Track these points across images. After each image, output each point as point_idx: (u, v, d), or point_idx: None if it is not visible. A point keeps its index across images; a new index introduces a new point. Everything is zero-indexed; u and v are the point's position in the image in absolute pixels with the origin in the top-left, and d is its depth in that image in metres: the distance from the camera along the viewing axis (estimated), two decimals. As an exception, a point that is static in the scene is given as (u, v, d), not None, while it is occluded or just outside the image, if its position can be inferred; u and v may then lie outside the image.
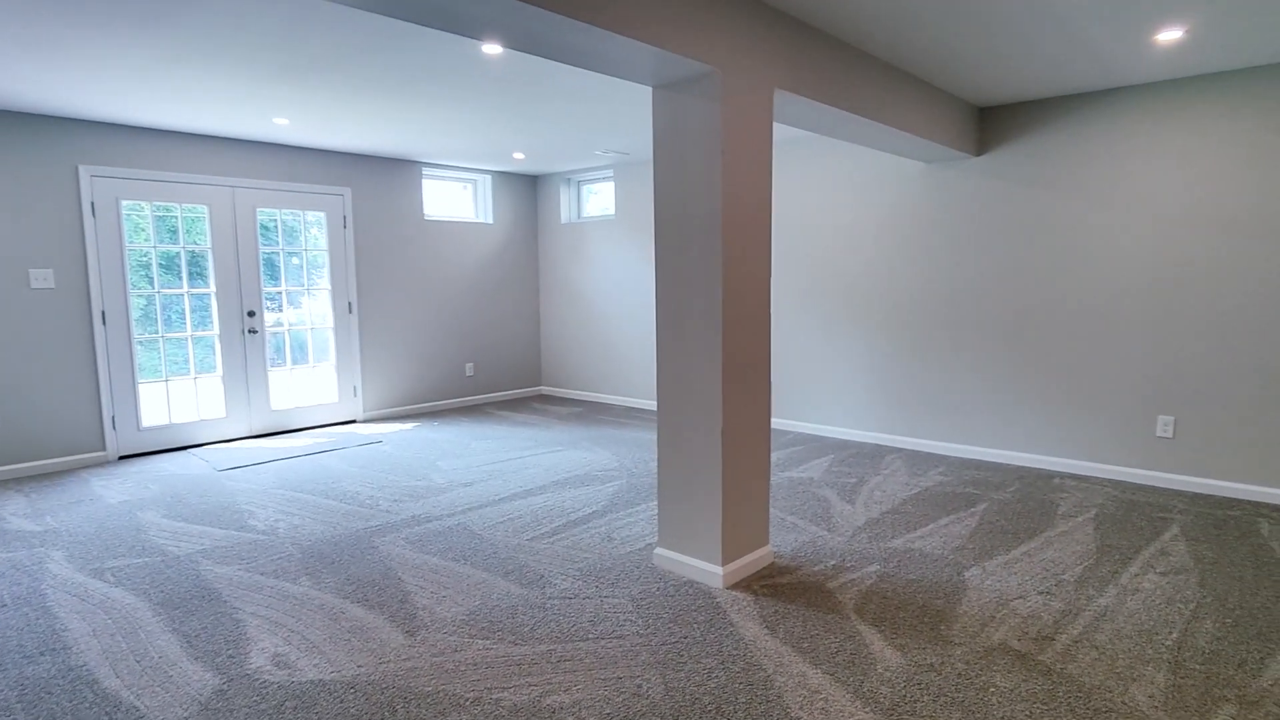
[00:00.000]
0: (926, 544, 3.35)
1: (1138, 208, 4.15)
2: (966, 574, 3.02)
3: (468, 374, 7.05)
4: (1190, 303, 4.04)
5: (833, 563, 3.15)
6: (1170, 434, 4.15)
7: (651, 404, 6.77)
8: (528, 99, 4.27)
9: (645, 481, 4.40)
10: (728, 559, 2.93)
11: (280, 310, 5.84)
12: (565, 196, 7.31)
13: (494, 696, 2.18)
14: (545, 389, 7.69)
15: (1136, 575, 2.98)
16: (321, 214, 5.98)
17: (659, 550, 3.13)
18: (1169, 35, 3.25)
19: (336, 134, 5.26)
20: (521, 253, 7.45)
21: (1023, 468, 4.61)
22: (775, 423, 5.90)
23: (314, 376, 6.08)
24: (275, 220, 5.76)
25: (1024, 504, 3.90)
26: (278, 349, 5.86)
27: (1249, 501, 3.90)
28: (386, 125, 4.97)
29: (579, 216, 7.32)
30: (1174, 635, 2.49)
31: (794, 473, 4.57)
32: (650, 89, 3.26)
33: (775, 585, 2.93)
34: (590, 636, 2.53)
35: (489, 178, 7.10)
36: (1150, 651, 2.39)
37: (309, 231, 5.95)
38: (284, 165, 5.71)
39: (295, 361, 5.96)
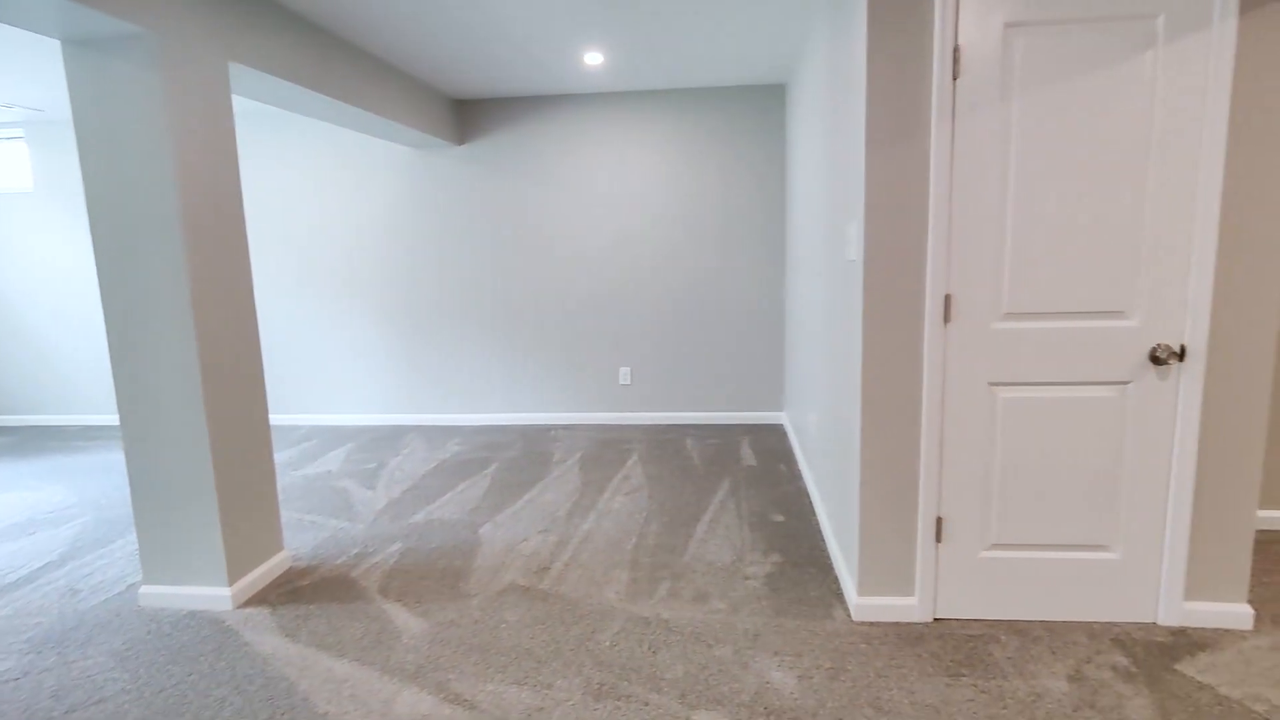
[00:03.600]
0: (445, 512, 3.58)
1: (591, 198, 5.01)
2: (481, 530, 3.33)
3: None
4: (637, 276, 5.06)
5: (355, 551, 3.14)
6: (629, 381, 5.17)
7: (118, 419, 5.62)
8: None
9: (118, 514, 3.69)
10: (235, 577, 2.68)
11: None
12: (-51, 161, 5.46)
13: (-104, 843, 1.63)
14: (-51, 419, 5.74)
15: (609, 499, 3.69)
16: None
17: (145, 589, 2.69)
18: (593, 59, 3.97)
19: None
20: (-123, 236, 5.33)
21: (526, 426, 5.23)
22: (283, 419, 5.50)
23: None
24: None
25: (527, 458, 4.44)
26: None
27: (679, 425, 5.13)
28: None
29: (-23, 188, 5.55)
30: (633, 541, 3.17)
31: (310, 469, 4.35)
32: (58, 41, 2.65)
33: (295, 590, 2.79)
34: (53, 717, 2.06)
35: None
36: (617, 558, 3.01)
37: None
38: None
39: None
